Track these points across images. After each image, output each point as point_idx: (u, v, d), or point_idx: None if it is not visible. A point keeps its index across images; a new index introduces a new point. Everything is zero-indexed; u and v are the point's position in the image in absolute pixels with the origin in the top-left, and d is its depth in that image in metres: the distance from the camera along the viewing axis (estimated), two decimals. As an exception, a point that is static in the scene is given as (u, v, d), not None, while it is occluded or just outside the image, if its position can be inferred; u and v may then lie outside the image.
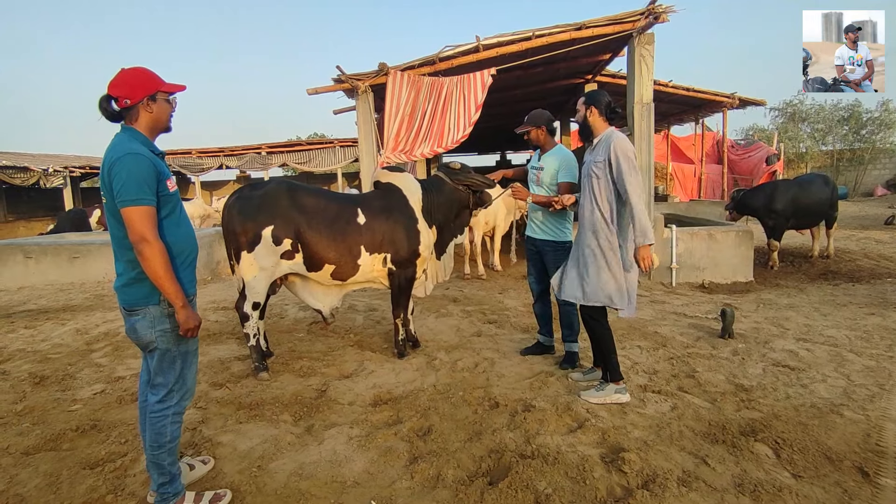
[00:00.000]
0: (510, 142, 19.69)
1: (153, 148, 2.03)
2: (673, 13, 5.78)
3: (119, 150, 1.90)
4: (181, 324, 1.96)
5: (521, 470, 2.22)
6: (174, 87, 2.06)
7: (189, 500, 2.11)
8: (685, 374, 3.36)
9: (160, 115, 2.04)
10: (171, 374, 2.07)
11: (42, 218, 17.94)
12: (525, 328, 4.46)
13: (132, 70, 2.00)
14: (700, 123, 12.32)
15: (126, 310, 2.01)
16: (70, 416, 2.99)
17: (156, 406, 2.07)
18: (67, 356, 4.06)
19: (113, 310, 5.68)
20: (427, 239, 3.69)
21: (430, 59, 6.37)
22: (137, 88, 1.96)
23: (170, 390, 2.08)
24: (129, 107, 1.98)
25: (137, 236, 1.87)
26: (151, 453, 2.06)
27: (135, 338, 2.05)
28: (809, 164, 20.64)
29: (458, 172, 3.81)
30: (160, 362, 2.05)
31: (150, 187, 1.91)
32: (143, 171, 1.89)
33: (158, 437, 2.05)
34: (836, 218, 7.52)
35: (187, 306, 1.98)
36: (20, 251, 7.57)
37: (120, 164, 1.87)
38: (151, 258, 1.87)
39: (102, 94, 1.98)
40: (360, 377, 3.43)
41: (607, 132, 2.92)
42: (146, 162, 1.90)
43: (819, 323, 4.44)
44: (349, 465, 2.37)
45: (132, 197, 1.86)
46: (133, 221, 1.87)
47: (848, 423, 2.66)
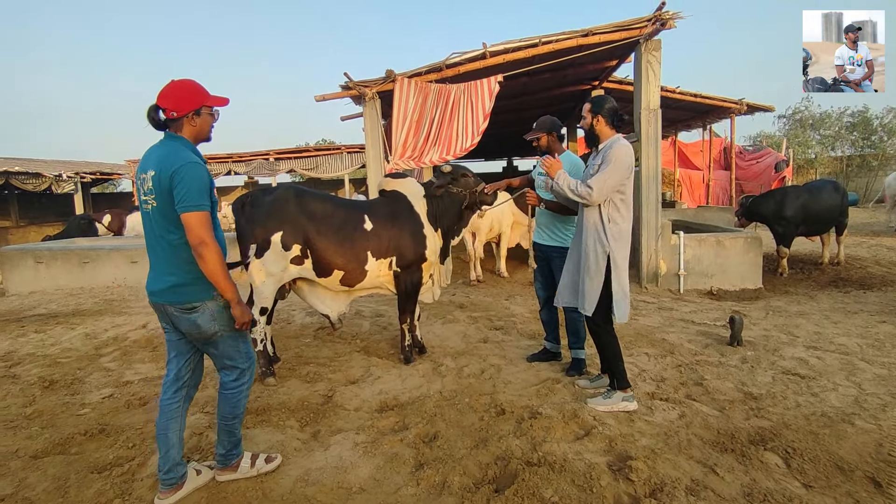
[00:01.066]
0: (517, 148, 19.70)
1: (199, 156, 2.14)
2: (680, 19, 5.78)
3: (180, 158, 2.02)
4: (237, 318, 2.13)
5: (527, 477, 2.21)
6: (218, 101, 2.18)
7: (246, 459, 2.35)
8: (693, 382, 3.33)
9: (203, 127, 2.16)
10: (237, 354, 2.25)
11: (53, 223, 18.14)
12: (531, 335, 4.44)
13: (181, 83, 2.10)
14: (708, 130, 12.27)
15: (182, 309, 2.12)
16: (79, 419, 3.01)
17: (232, 385, 2.26)
18: (76, 360, 4.09)
19: (121, 314, 5.73)
20: (433, 244, 3.70)
21: (437, 65, 6.39)
22: (184, 102, 2.07)
23: (242, 370, 2.27)
24: (176, 118, 2.09)
25: (198, 239, 2.00)
26: (227, 423, 2.29)
27: (197, 333, 2.16)
28: (819, 171, 20.49)
29: (448, 174, 3.80)
30: (228, 348, 2.22)
31: (207, 194, 2.05)
32: (204, 179, 2.04)
33: (234, 410, 2.28)
34: (847, 224, 7.45)
35: (241, 302, 2.14)
36: (31, 256, 7.65)
37: (184, 171, 1.99)
38: (210, 259, 2.02)
39: (151, 104, 2.09)
40: (366, 383, 3.43)
41: (612, 139, 2.92)
42: (204, 170, 2.06)
43: (829, 331, 4.40)
44: (355, 472, 2.37)
45: (195, 203, 2.00)
46: (194, 226, 2.00)
47: (860, 433, 2.62)
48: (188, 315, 2.12)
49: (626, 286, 2.90)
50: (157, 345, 4.43)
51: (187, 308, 2.12)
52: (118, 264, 7.46)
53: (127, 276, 7.38)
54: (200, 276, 2.08)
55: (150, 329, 4.96)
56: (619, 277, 2.86)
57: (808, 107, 22.17)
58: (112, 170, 18.33)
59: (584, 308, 2.93)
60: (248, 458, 2.37)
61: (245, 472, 2.33)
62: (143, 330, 4.95)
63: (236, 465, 2.34)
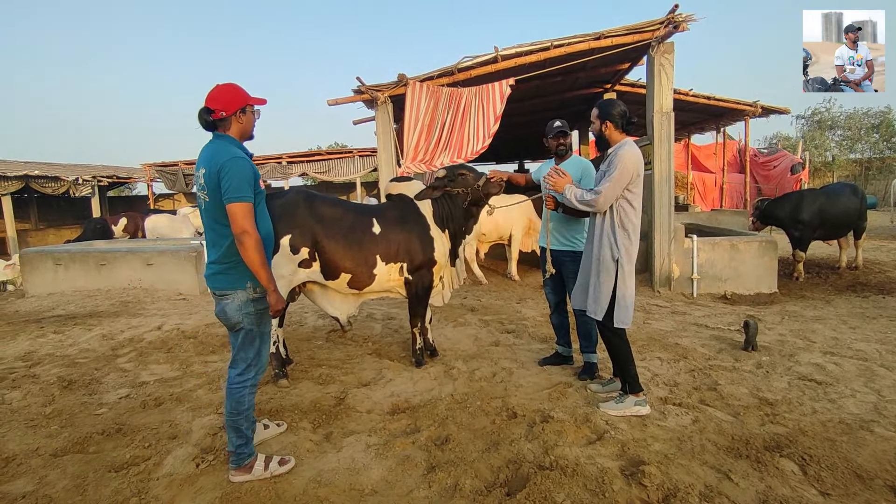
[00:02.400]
0: (528, 151, 19.68)
1: (246, 152, 2.33)
2: (693, 22, 5.74)
3: (226, 154, 2.20)
4: (271, 305, 2.27)
5: (539, 481, 2.20)
6: (259, 101, 2.39)
7: (260, 461, 2.40)
8: (707, 387, 3.29)
9: (248, 124, 2.36)
10: (251, 351, 2.37)
11: (71, 226, 18.48)
12: (543, 338, 4.43)
13: (226, 86, 2.31)
14: (721, 132, 12.15)
15: (217, 294, 2.31)
16: (96, 419, 3.06)
17: (236, 379, 2.37)
18: (94, 361, 4.17)
19: (137, 316, 5.82)
20: (441, 246, 3.70)
21: (449, 69, 6.42)
22: (231, 102, 2.28)
23: (248, 365, 2.37)
24: (224, 118, 2.28)
25: (240, 228, 2.16)
26: (231, 419, 2.36)
27: (224, 319, 2.33)
28: (836, 173, 20.17)
29: (444, 177, 3.73)
30: (244, 340, 2.36)
31: (251, 186, 2.21)
32: (247, 172, 2.21)
33: (238, 406, 2.35)
34: (865, 228, 7.32)
35: (277, 290, 2.29)
36: (50, 258, 7.80)
37: (229, 165, 2.17)
38: (250, 248, 2.17)
39: (202, 107, 2.29)
40: (378, 385, 3.45)
41: (620, 143, 2.91)
42: (249, 164, 2.23)
43: (847, 336, 4.32)
44: (367, 474, 2.38)
45: (238, 194, 2.16)
46: (237, 215, 2.16)
47: (879, 441, 2.58)
48: (220, 301, 2.31)
49: (631, 291, 2.89)
50: (172, 346, 4.49)
51: (221, 294, 2.30)
52: (134, 266, 7.56)
53: (142, 278, 7.48)
54: (236, 266, 2.26)
55: (165, 331, 5.03)
56: (626, 282, 2.86)
57: (830, 108, 21.85)
58: (128, 174, 18.63)
59: (594, 312, 2.92)
60: (262, 460, 2.42)
61: (259, 473, 2.37)
62: (158, 331, 5.02)
63: (249, 466, 2.38)
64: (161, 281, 7.39)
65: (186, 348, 4.42)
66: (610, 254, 2.85)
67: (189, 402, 3.27)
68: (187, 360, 4.09)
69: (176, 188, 17.05)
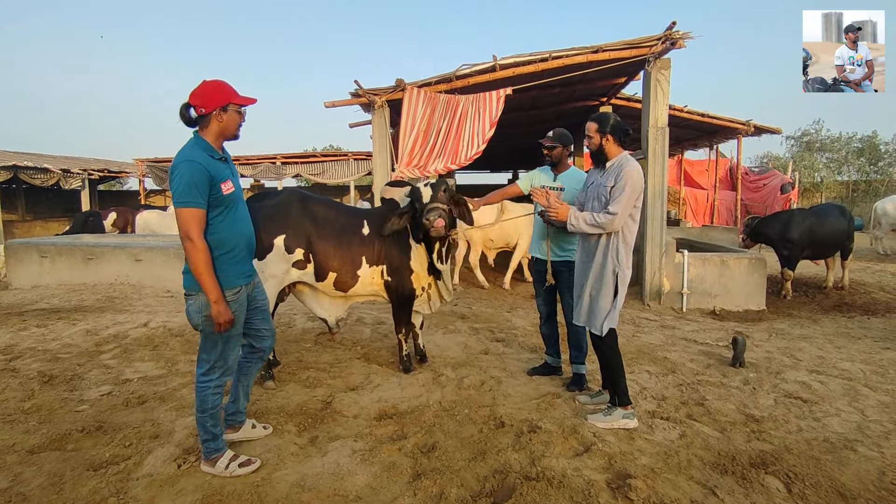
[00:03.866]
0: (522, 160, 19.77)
1: (213, 154, 2.25)
2: (690, 39, 5.82)
3: (179, 157, 2.16)
4: (213, 317, 2.20)
5: (525, 492, 2.19)
6: (245, 101, 2.29)
7: (225, 458, 2.41)
8: (694, 402, 3.30)
9: (229, 124, 2.27)
10: (213, 353, 2.33)
11: (59, 218, 18.25)
12: (533, 348, 4.42)
13: (211, 82, 2.24)
14: (714, 149, 12.30)
15: (185, 293, 2.29)
16: (76, 416, 3.00)
17: (200, 378, 2.36)
18: (76, 357, 4.09)
19: (123, 312, 5.73)
20: (418, 254, 3.62)
21: (447, 76, 6.45)
22: (211, 99, 2.20)
23: (212, 366, 2.35)
24: (203, 115, 2.22)
25: (183, 233, 2.13)
26: (198, 415, 2.38)
27: (188, 318, 2.31)
28: (825, 194, 20.49)
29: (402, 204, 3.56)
30: (204, 342, 2.33)
31: (200, 191, 2.14)
32: (195, 177, 2.12)
33: (202, 404, 2.36)
34: (852, 249, 7.42)
35: (220, 302, 2.20)
36: (36, 250, 7.69)
37: (179, 168, 2.13)
38: (192, 255, 2.14)
39: (183, 102, 2.24)
40: (365, 390, 3.42)
41: (621, 157, 2.92)
42: (199, 168, 2.14)
43: (833, 355, 4.36)
44: (352, 479, 2.35)
45: (183, 199, 2.12)
46: (181, 221, 2.13)
47: (862, 460, 2.59)
48: (186, 300, 2.28)
49: (621, 301, 2.92)
50: (158, 343, 4.43)
51: (186, 294, 2.28)
52: (122, 262, 7.47)
53: (130, 273, 7.39)
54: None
55: (152, 328, 4.96)
56: (622, 294, 2.88)
57: (819, 130, 22.26)
58: (120, 168, 18.45)
59: (596, 327, 2.92)
60: (227, 457, 2.42)
61: (219, 470, 2.38)
62: (144, 328, 4.95)
63: (214, 461, 2.40)
64: (149, 277, 7.30)
65: (172, 346, 4.36)
66: (612, 269, 2.87)
67: (173, 401, 3.22)
68: (173, 359, 4.03)
69: (167, 185, 16.93)
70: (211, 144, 2.26)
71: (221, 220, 2.25)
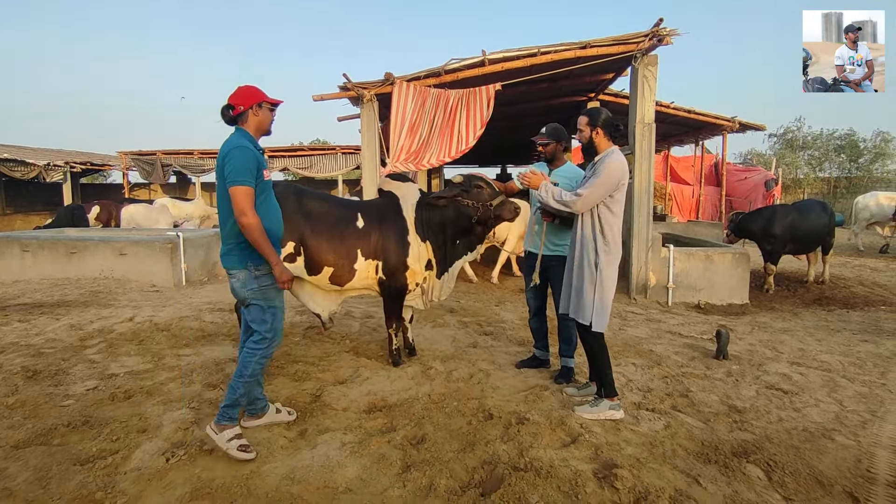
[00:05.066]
0: (511, 155, 19.82)
1: (257, 145, 2.55)
2: (676, 36, 5.87)
3: (232, 143, 2.44)
4: (277, 277, 2.48)
5: (513, 482, 2.22)
6: (274, 101, 2.60)
7: (231, 433, 2.50)
8: (679, 394, 3.36)
9: (264, 119, 2.58)
10: (263, 325, 2.55)
11: (41, 212, 17.90)
12: (520, 341, 4.46)
13: (246, 86, 2.56)
14: (700, 146, 12.44)
15: (227, 272, 2.55)
16: (62, 411, 2.97)
17: (250, 345, 2.57)
18: (61, 351, 4.04)
19: (107, 307, 5.66)
20: (417, 252, 3.61)
21: (436, 70, 6.43)
22: (247, 98, 2.52)
23: (263, 337, 2.55)
24: (241, 112, 2.52)
25: (239, 210, 2.36)
26: (234, 379, 2.55)
27: (234, 294, 2.58)
28: (806, 191, 20.85)
29: (458, 185, 3.60)
30: (254, 314, 2.55)
31: (251, 173, 2.41)
32: (249, 161, 2.40)
33: (242, 369, 2.55)
34: (833, 244, 7.58)
35: (280, 263, 2.50)
36: (17, 244, 7.55)
37: (232, 153, 2.40)
38: (249, 227, 2.37)
39: (224, 104, 2.54)
40: (354, 383, 3.43)
41: (607, 151, 2.96)
42: (252, 154, 2.43)
43: (813, 348, 4.47)
44: (341, 471, 2.36)
45: (239, 178, 2.37)
46: (235, 198, 2.37)
47: (839, 449, 2.67)
48: (231, 279, 2.54)
49: (609, 296, 2.94)
50: (144, 338, 4.39)
51: (229, 273, 2.54)
52: (106, 256, 7.36)
53: (115, 267, 7.29)
54: (237, 246, 2.48)
55: (137, 322, 4.91)
56: (604, 287, 2.90)
57: (800, 127, 22.62)
58: (103, 161, 18.16)
59: (580, 316, 2.95)
60: (233, 433, 2.51)
61: (221, 440, 2.48)
62: (129, 323, 4.90)
63: (223, 427, 2.51)
64: (134, 271, 7.22)
65: (159, 341, 4.32)
66: (590, 259, 2.90)
67: (160, 395, 3.20)
68: (159, 353, 4.00)
69: (152, 178, 16.68)
70: (254, 137, 2.55)
71: (260, 204, 2.49)
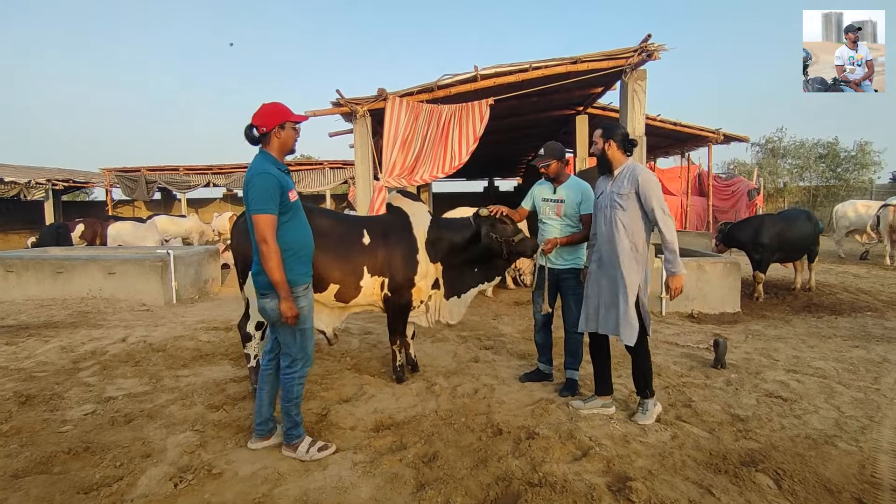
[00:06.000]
0: (498, 168, 19.97)
1: (280, 166, 2.55)
2: (664, 51, 6.01)
3: (255, 169, 2.46)
4: (282, 312, 2.45)
5: (530, 498, 2.21)
6: (299, 118, 2.60)
7: (305, 443, 2.65)
8: (682, 404, 3.39)
9: (287, 140, 2.58)
10: (293, 346, 2.59)
11: (20, 231, 17.51)
12: (521, 354, 4.47)
13: (270, 105, 2.54)
14: (686, 157, 12.68)
15: (258, 292, 2.56)
16: (60, 437, 2.90)
17: (286, 370, 2.62)
18: (53, 375, 3.95)
19: (97, 327, 5.55)
20: (425, 270, 3.64)
21: (429, 86, 6.49)
22: (270, 119, 2.50)
23: (294, 359, 2.60)
24: (265, 133, 2.52)
25: (260, 237, 2.40)
26: (284, 405, 2.64)
27: (264, 315, 2.59)
28: (787, 199, 21.32)
29: (487, 220, 3.63)
30: (286, 336, 2.58)
31: (273, 200, 2.42)
32: (270, 187, 2.41)
33: (288, 394, 2.62)
34: (818, 252, 7.75)
35: (289, 298, 2.46)
36: (0, 265, 7.38)
37: (255, 180, 2.41)
38: (267, 255, 2.40)
39: (247, 124, 2.54)
40: (360, 401, 3.40)
41: (629, 165, 3.03)
42: (273, 180, 2.43)
43: (807, 355, 4.54)
44: (355, 492, 2.34)
45: (260, 207, 2.39)
46: (258, 225, 2.40)
47: (843, 455, 2.71)
48: (261, 299, 2.54)
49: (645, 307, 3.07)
50: (140, 359, 4.31)
51: (260, 293, 2.54)
52: (93, 275, 7.23)
53: (103, 287, 7.16)
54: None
55: (131, 343, 4.82)
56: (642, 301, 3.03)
57: (782, 137, 23.18)
58: (86, 178, 17.86)
59: (627, 338, 2.98)
60: (307, 442, 2.66)
61: (301, 454, 2.61)
62: (122, 344, 4.81)
63: (295, 446, 2.64)
64: (123, 290, 7.09)
65: (155, 362, 4.24)
66: (636, 275, 2.99)
67: (162, 418, 3.14)
68: (157, 375, 3.93)
69: (136, 195, 16.46)
70: (277, 159, 2.55)
71: (289, 224, 2.53)
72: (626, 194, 2.96)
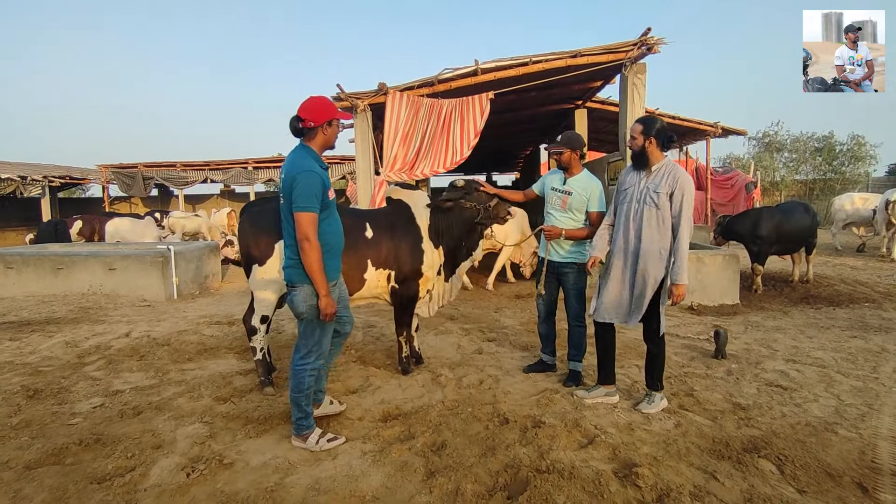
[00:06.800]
0: (496, 163, 19.99)
1: (321, 163, 2.57)
2: (664, 45, 6.04)
3: (301, 166, 2.46)
4: (321, 309, 2.50)
5: (539, 484, 2.25)
6: (345, 115, 2.68)
7: (315, 435, 2.68)
8: (684, 393, 3.44)
9: (331, 136, 2.62)
10: (311, 339, 2.62)
11: (16, 227, 17.43)
12: (524, 346, 4.51)
13: (318, 98, 2.55)
14: (684, 150, 12.71)
15: (288, 285, 2.59)
16: (71, 429, 2.92)
17: (298, 362, 2.64)
18: (59, 369, 3.97)
19: (100, 322, 5.57)
20: (431, 259, 3.67)
21: (429, 80, 6.50)
22: (320, 114, 2.52)
23: (309, 351, 2.63)
24: (312, 127, 2.53)
25: (302, 235, 2.42)
26: (293, 395, 2.66)
27: (291, 307, 2.60)
28: (784, 193, 21.39)
29: (461, 189, 3.70)
30: (305, 329, 2.62)
31: (317, 198, 2.45)
32: (315, 186, 2.44)
33: (299, 385, 2.63)
34: (815, 244, 7.81)
35: (329, 296, 2.50)
36: (0, 261, 7.37)
37: (300, 178, 2.42)
38: (309, 253, 2.43)
39: (293, 115, 2.53)
40: (366, 393, 3.43)
41: (667, 163, 3.02)
42: (318, 178, 2.46)
43: (806, 345, 4.60)
44: (366, 480, 2.37)
45: (304, 205, 2.42)
46: (300, 223, 2.42)
47: (843, 441, 2.76)
48: (291, 292, 2.57)
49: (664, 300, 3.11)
50: (144, 353, 4.33)
51: (291, 286, 2.57)
52: (94, 271, 7.24)
53: (104, 283, 7.16)
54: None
55: (134, 338, 4.84)
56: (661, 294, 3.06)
57: (778, 131, 23.22)
58: (83, 174, 17.80)
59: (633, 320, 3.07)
60: (317, 434, 2.68)
61: (311, 445, 2.64)
62: (126, 338, 4.83)
63: (305, 436, 2.66)
64: (124, 286, 7.10)
65: (160, 356, 4.26)
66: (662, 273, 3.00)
67: (170, 410, 3.17)
68: (163, 368, 3.95)
69: (133, 192, 16.42)
70: (318, 154, 2.57)
71: (326, 221, 2.55)
72: (664, 194, 2.94)
